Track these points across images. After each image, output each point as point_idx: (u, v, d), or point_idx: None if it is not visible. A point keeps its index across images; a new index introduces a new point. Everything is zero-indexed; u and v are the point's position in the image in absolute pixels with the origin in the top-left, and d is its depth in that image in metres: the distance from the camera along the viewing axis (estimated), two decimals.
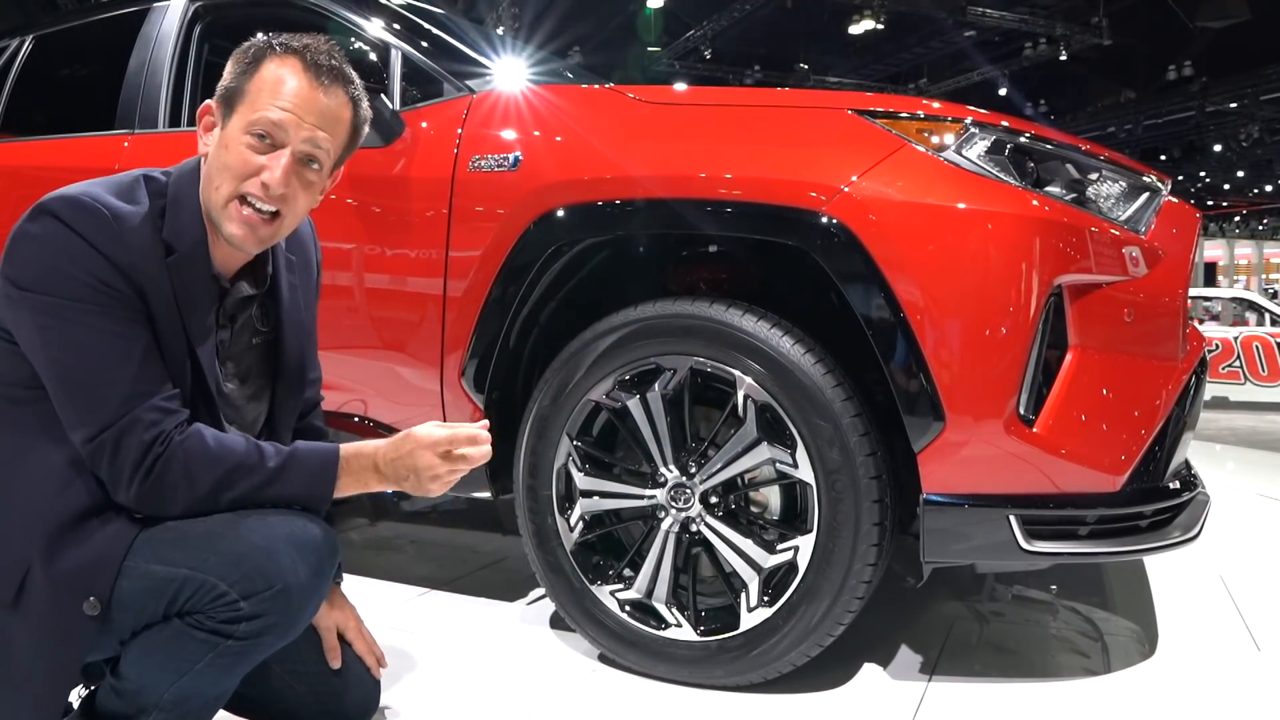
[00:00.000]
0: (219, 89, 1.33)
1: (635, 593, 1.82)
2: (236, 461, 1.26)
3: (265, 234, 1.32)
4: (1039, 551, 1.60)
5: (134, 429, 1.21)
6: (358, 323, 2.05)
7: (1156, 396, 1.71)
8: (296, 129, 1.29)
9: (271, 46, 1.31)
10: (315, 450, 1.34)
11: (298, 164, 1.30)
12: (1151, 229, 1.79)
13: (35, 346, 1.22)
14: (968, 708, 1.72)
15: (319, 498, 1.32)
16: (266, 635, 1.23)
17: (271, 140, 1.29)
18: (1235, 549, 2.95)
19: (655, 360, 1.78)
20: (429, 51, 2.19)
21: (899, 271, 1.60)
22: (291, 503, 1.30)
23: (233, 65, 1.33)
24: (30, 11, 7.51)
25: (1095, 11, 13.79)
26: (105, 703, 1.25)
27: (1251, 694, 1.84)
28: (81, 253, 1.20)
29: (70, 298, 1.20)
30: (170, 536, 1.24)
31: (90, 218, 1.22)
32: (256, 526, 1.24)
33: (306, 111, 1.29)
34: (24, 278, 1.21)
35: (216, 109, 1.33)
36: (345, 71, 1.34)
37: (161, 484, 1.22)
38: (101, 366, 1.21)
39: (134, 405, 1.21)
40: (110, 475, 1.22)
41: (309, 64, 1.30)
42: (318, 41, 1.33)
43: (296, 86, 1.29)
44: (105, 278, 1.21)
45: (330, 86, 1.32)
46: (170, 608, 1.22)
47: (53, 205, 1.22)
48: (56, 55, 3.01)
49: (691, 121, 1.88)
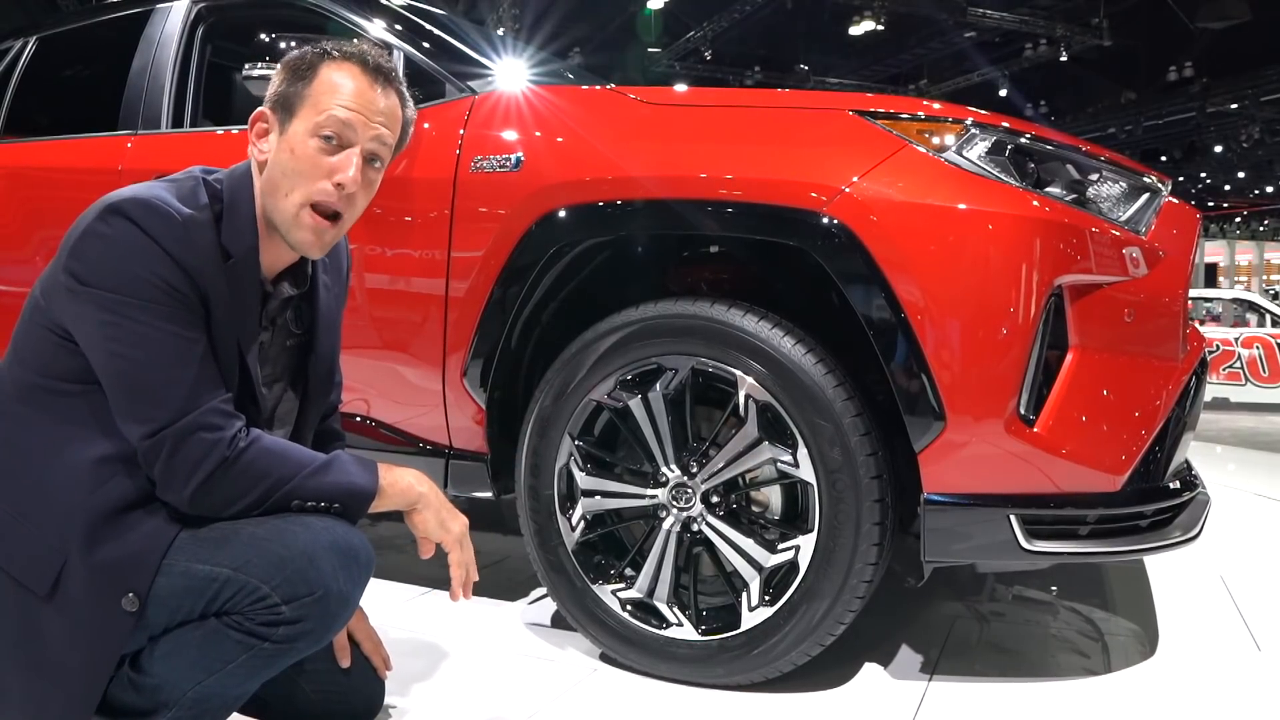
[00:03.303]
0: (271, 96, 1.35)
1: (637, 592, 1.83)
2: (294, 469, 1.28)
3: (329, 238, 1.35)
4: (1039, 551, 1.61)
5: (196, 430, 1.22)
6: (360, 323, 2.06)
7: (1157, 397, 1.72)
8: (364, 127, 1.32)
9: (328, 53, 1.33)
10: (359, 460, 1.37)
11: (364, 162, 1.33)
12: (1152, 229, 1.79)
13: (96, 341, 1.22)
14: (968, 707, 1.73)
15: (358, 504, 1.33)
16: (301, 640, 1.24)
17: (339, 140, 1.31)
18: (1236, 549, 2.96)
19: (657, 360, 1.79)
20: (430, 52, 2.20)
21: (900, 272, 1.60)
22: (334, 505, 1.31)
23: (285, 73, 1.34)
24: (32, 13, 7.52)
25: (1096, 12, 13.80)
26: (119, 696, 1.24)
27: (1252, 694, 1.84)
28: (151, 254, 1.21)
29: (137, 296, 1.21)
30: (213, 536, 1.24)
31: (161, 220, 1.23)
32: (299, 532, 1.25)
33: (371, 111, 1.33)
34: (91, 275, 1.21)
35: (272, 116, 1.34)
36: (396, 72, 1.38)
37: (221, 487, 1.23)
38: (164, 365, 1.22)
39: (195, 406, 1.22)
40: (165, 473, 1.22)
41: (367, 66, 1.33)
42: (366, 45, 1.37)
43: (358, 87, 1.32)
44: (172, 280, 1.22)
45: (386, 87, 1.35)
46: (208, 607, 1.23)
47: (124, 206, 1.23)
48: (59, 57, 3.02)
49: (692, 122, 1.89)
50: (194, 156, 2.36)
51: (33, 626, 1.21)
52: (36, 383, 1.26)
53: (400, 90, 1.38)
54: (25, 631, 1.21)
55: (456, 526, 1.42)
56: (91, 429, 1.24)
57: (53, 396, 1.26)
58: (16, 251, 2.57)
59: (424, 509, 1.39)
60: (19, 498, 1.24)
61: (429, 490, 1.40)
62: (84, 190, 2.41)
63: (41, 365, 1.26)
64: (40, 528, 1.22)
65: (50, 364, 1.26)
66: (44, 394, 1.26)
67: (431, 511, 1.40)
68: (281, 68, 1.35)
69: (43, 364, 1.26)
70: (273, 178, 1.32)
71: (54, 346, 1.25)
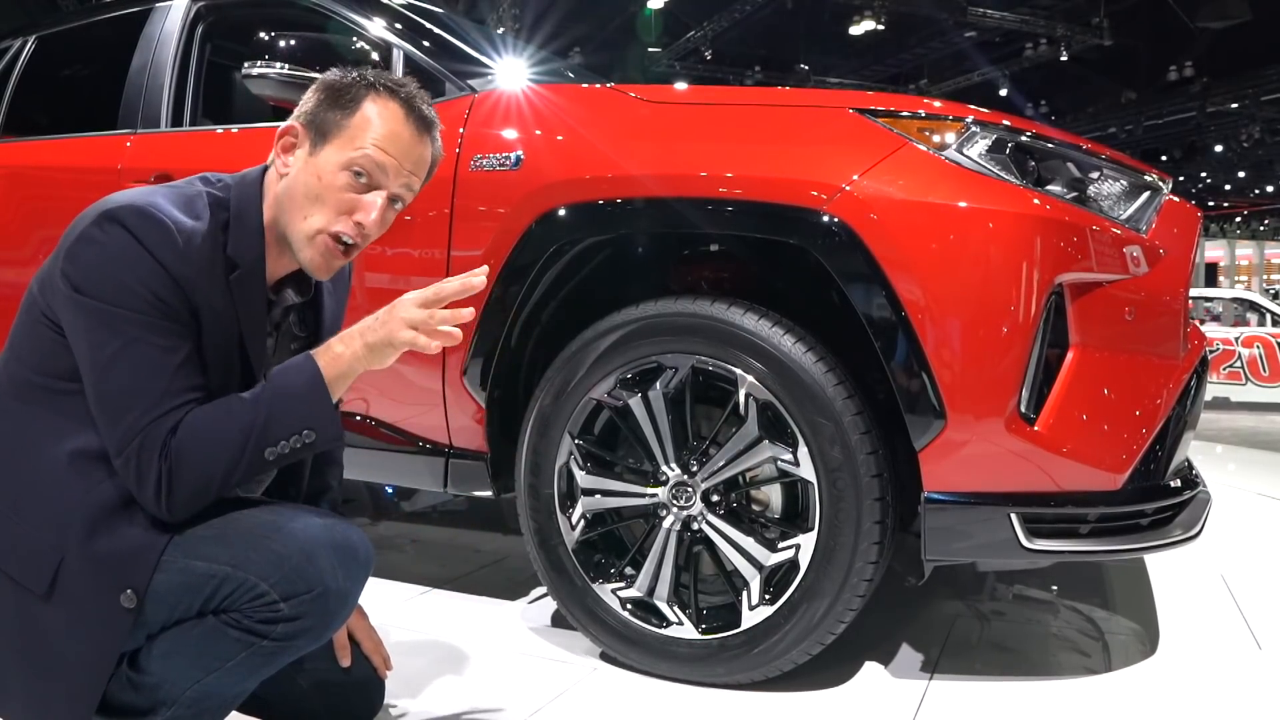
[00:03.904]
0: (305, 114, 1.33)
1: (637, 591, 1.83)
2: (233, 432, 1.21)
3: (338, 264, 1.34)
4: (1040, 550, 1.60)
5: (146, 447, 1.19)
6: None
7: (1157, 395, 1.71)
8: (396, 174, 1.32)
9: (375, 85, 1.32)
10: (290, 369, 1.27)
11: (387, 203, 1.32)
12: (1152, 228, 1.79)
13: (80, 350, 1.22)
14: (968, 707, 1.72)
15: (322, 417, 1.26)
16: (300, 638, 1.24)
17: (369, 180, 1.30)
18: (1236, 548, 2.95)
19: (657, 359, 1.79)
20: (430, 51, 2.20)
21: (900, 270, 1.60)
22: (302, 431, 1.24)
23: (325, 94, 1.32)
24: (32, 12, 7.53)
25: (1096, 12, 13.79)
26: (117, 695, 1.24)
27: (1252, 693, 1.84)
28: (143, 263, 1.20)
29: (123, 306, 1.19)
30: (210, 533, 1.24)
31: (156, 230, 1.22)
32: (298, 528, 1.24)
33: (406, 158, 1.32)
34: (83, 282, 1.21)
35: (303, 133, 1.32)
36: (434, 117, 1.37)
37: (181, 492, 1.20)
38: (131, 383, 1.19)
39: (146, 421, 1.20)
40: (140, 497, 1.21)
41: (410, 111, 1.33)
42: (413, 86, 1.35)
43: (399, 132, 1.31)
44: (160, 291, 1.21)
45: (424, 134, 1.35)
46: (207, 604, 1.22)
47: (120, 213, 1.21)
48: (59, 55, 3.02)
49: (692, 121, 1.88)
50: (193, 155, 2.37)
51: (31, 625, 1.21)
52: (33, 380, 1.26)
53: (434, 134, 1.37)
54: (24, 630, 1.21)
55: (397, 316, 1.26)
56: (88, 426, 1.23)
57: (49, 394, 1.25)
58: (16, 251, 2.57)
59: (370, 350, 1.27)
60: (16, 495, 1.23)
61: (357, 336, 1.28)
62: (83, 189, 2.42)
63: (38, 362, 1.26)
64: (37, 525, 1.21)
65: (47, 361, 1.25)
66: (41, 391, 1.26)
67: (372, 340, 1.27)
68: (321, 87, 1.34)
69: (39, 360, 1.26)
70: (294, 196, 1.31)
71: (50, 343, 1.25)
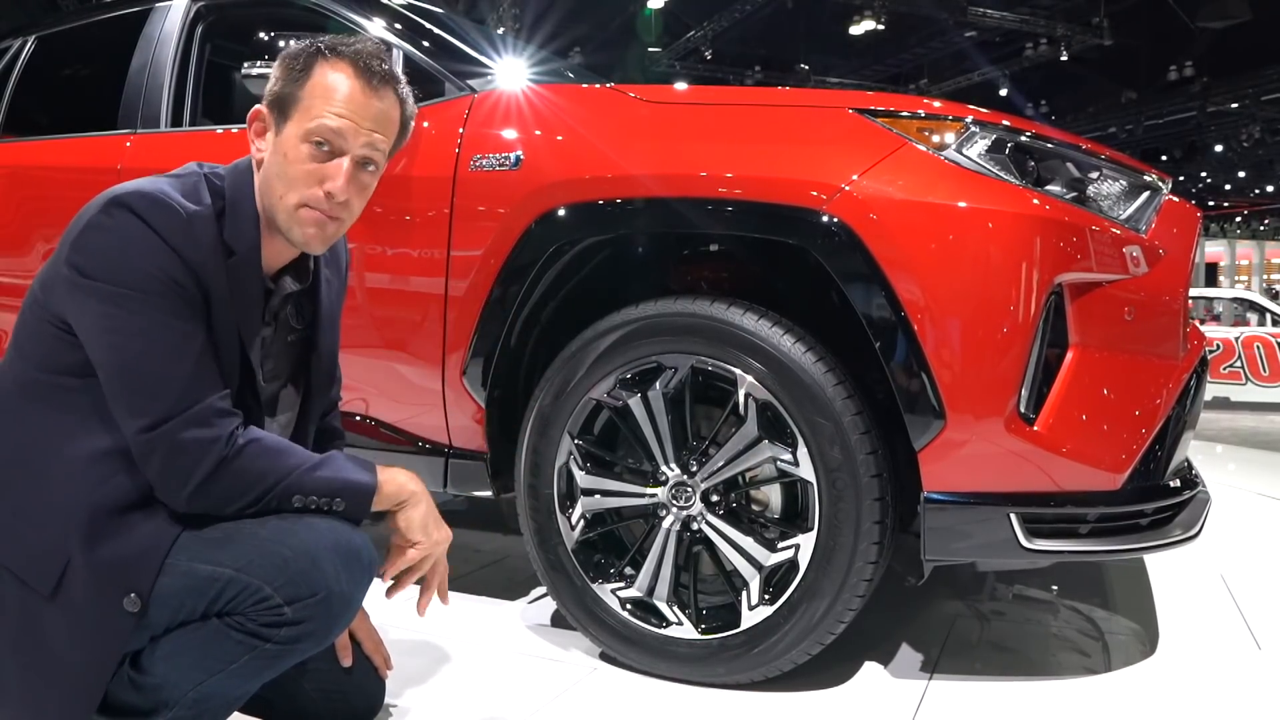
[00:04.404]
0: (268, 94, 1.33)
1: (636, 591, 1.83)
2: (292, 467, 1.27)
3: (331, 232, 1.33)
4: (1040, 550, 1.60)
5: (191, 427, 1.20)
6: (359, 322, 2.05)
7: (1157, 395, 1.71)
8: (355, 135, 1.30)
9: (321, 51, 1.31)
10: (357, 461, 1.35)
11: (356, 167, 1.31)
12: (1152, 227, 1.79)
13: (95, 334, 1.22)
14: (968, 706, 1.72)
15: (359, 505, 1.32)
16: (302, 642, 1.24)
17: (331, 148, 1.29)
18: (1236, 548, 2.95)
19: (656, 359, 1.79)
20: (430, 51, 2.20)
21: (900, 270, 1.60)
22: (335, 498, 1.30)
23: (281, 71, 1.32)
24: (32, 12, 7.52)
25: (1096, 12, 13.80)
26: (120, 695, 1.24)
27: (1252, 693, 1.84)
28: (154, 247, 1.21)
29: (138, 289, 1.20)
30: (216, 536, 1.24)
31: (165, 214, 1.22)
32: (302, 532, 1.24)
33: (363, 117, 1.30)
34: (94, 267, 1.21)
35: (268, 114, 1.33)
36: (393, 71, 1.35)
37: (220, 486, 1.22)
38: (162, 359, 1.21)
39: (191, 402, 1.21)
40: (162, 472, 1.21)
41: (361, 68, 1.31)
42: (365, 44, 1.34)
43: (350, 92, 1.30)
44: (174, 274, 1.22)
45: (381, 89, 1.33)
46: (211, 607, 1.22)
47: (127, 198, 1.22)
48: (59, 55, 3.02)
49: (692, 121, 1.88)
50: (193, 155, 2.35)
51: (34, 625, 1.21)
52: (37, 377, 1.26)
53: (397, 90, 1.35)
54: (27, 630, 1.21)
55: (440, 534, 1.39)
56: (93, 424, 1.24)
57: (53, 391, 1.25)
58: (16, 251, 2.57)
59: (413, 506, 1.37)
60: (21, 495, 1.23)
61: (421, 490, 1.39)
62: (83, 189, 2.40)
63: (41, 359, 1.26)
64: (42, 525, 1.21)
65: (50, 357, 1.26)
66: (45, 388, 1.26)
67: (421, 510, 1.37)
68: (279, 64, 1.33)
69: (43, 358, 1.26)
70: (268, 178, 1.32)
71: (54, 340, 1.25)
